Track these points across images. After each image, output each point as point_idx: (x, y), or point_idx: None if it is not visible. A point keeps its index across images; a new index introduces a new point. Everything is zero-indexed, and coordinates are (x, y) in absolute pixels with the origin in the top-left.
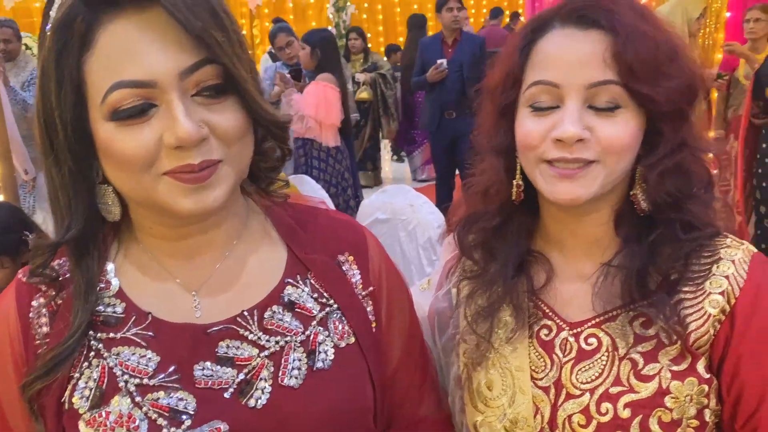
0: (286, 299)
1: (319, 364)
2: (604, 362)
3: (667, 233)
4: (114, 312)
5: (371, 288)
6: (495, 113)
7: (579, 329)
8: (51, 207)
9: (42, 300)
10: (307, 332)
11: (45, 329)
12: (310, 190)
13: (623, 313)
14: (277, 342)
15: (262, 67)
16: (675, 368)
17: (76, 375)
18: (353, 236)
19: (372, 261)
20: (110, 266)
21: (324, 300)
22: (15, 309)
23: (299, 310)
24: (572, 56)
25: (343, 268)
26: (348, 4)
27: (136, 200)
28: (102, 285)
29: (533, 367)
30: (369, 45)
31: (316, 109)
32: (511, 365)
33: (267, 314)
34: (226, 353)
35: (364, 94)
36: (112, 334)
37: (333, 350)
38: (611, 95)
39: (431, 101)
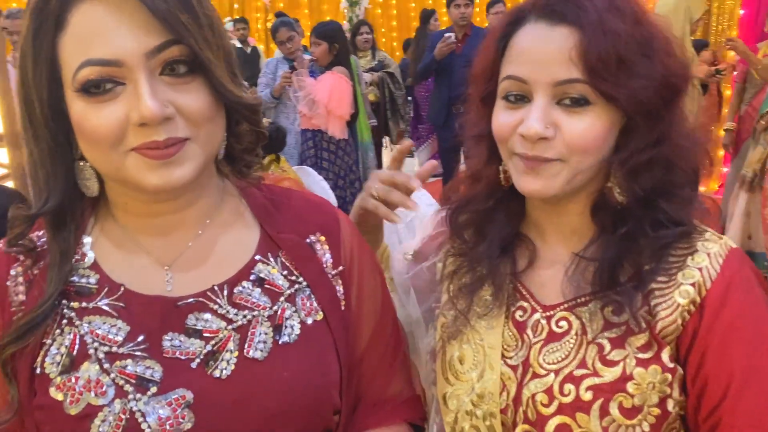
0: (256, 276)
1: (285, 338)
2: (571, 345)
3: (638, 228)
4: (88, 283)
5: (341, 268)
6: (478, 101)
7: (551, 312)
8: (31, 181)
9: (19, 269)
10: (275, 308)
11: (21, 297)
12: (312, 181)
13: (595, 299)
14: (244, 316)
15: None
16: (640, 355)
17: (49, 341)
18: (326, 218)
19: (344, 242)
20: (87, 239)
21: (293, 278)
22: None
23: (268, 287)
24: (540, 53)
25: (315, 247)
26: None
27: (108, 176)
28: (77, 257)
29: (505, 346)
30: (383, 40)
31: (329, 97)
32: (485, 342)
33: (237, 289)
34: (194, 325)
35: (370, 96)
36: (84, 304)
37: (299, 326)
38: (578, 92)
39: (439, 95)
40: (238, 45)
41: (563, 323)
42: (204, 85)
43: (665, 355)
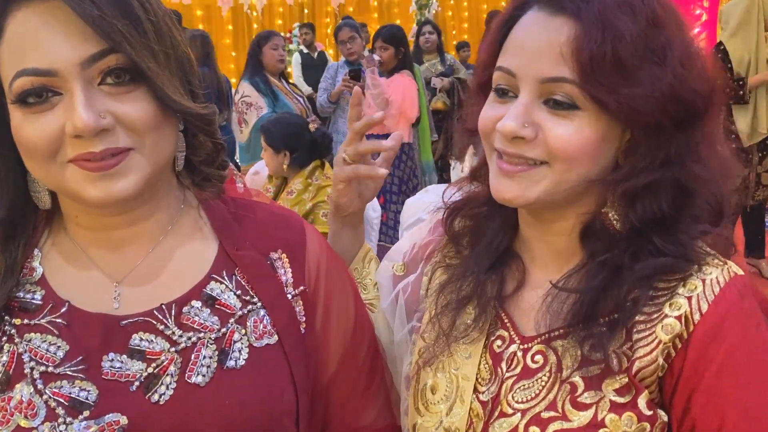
0: (207, 294)
1: (231, 363)
2: (544, 382)
3: (623, 256)
4: (33, 299)
5: (303, 288)
6: (475, 91)
7: (528, 345)
8: None
9: None
10: (224, 329)
11: None
12: None
13: (573, 332)
14: (189, 338)
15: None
16: (617, 399)
17: None
18: (290, 234)
19: (309, 261)
20: (37, 252)
21: (248, 297)
22: None
23: (219, 307)
24: (532, 45)
25: (275, 265)
26: (432, 1)
27: (51, 188)
28: (25, 271)
29: (479, 378)
30: (453, 43)
31: (402, 98)
32: (459, 372)
33: (185, 309)
34: (138, 346)
35: (438, 103)
36: (27, 320)
37: (248, 349)
38: (566, 93)
39: None
40: (305, 50)
41: (539, 358)
42: (147, 94)
43: (642, 401)
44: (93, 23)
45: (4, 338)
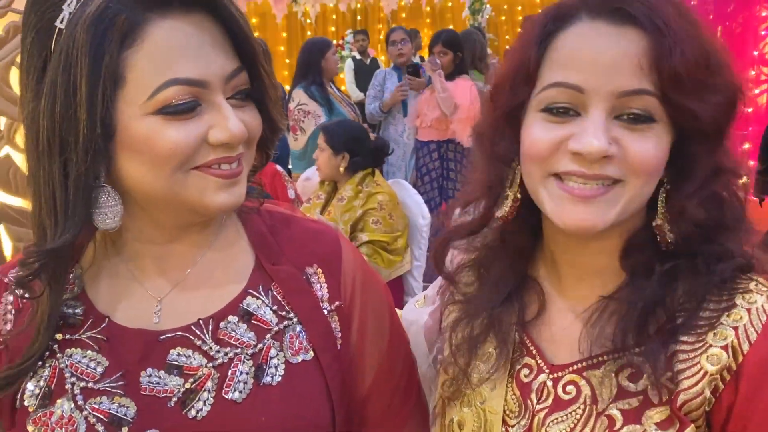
0: (243, 309)
1: (267, 379)
2: (579, 416)
3: (688, 266)
4: (74, 313)
5: (339, 303)
6: (499, 115)
7: (559, 374)
8: (41, 212)
9: (10, 297)
10: (260, 345)
11: (8, 326)
12: (406, 195)
13: (610, 361)
14: (226, 353)
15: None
16: None
17: (30, 374)
18: (326, 249)
19: (345, 276)
20: (77, 268)
21: (284, 313)
22: None
23: (255, 322)
24: (603, 57)
25: (311, 280)
26: (485, 6)
27: (156, 198)
28: (67, 286)
29: (507, 411)
30: (506, 48)
31: (470, 102)
32: (486, 406)
33: (222, 324)
34: (176, 361)
35: None
36: (68, 336)
37: (284, 366)
38: (645, 106)
39: None
40: (357, 57)
41: (571, 388)
42: (255, 109)
43: None
44: (244, 41)
45: (47, 353)
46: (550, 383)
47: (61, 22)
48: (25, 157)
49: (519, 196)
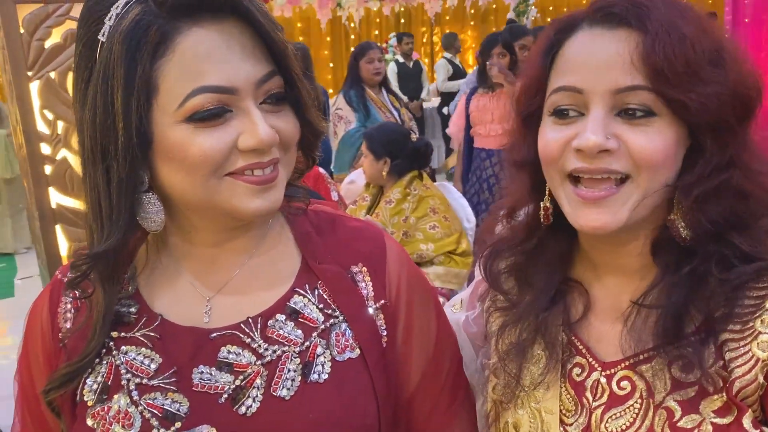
0: (291, 308)
1: (314, 377)
2: (637, 410)
3: (706, 266)
4: (128, 312)
5: (384, 301)
6: (519, 124)
7: (611, 370)
8: (91, 216)
9: (69, 297)
10: (307, 343)
11: (68, 324)
12: (452, 198)
13: (660, 355)
14: (274, 351)
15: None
16: (718, 421)
17: (88, 370)
18: (371, 248)
19: (390, 274)
20: (132, 267)
21: (330, 311)
22: (48, 305)
23: (302, 320)
24: (596, 59)
25: (356, 279)
26: (530, 7)
27: (195, 204)
28: (122, 285)
29: (564, 410)
30: None
31: None
32: (541, 406)
33: (270, 322)
34: (226, 358)
35: None
36: (123, 333)
37: (330, 363)
38: (642, 101)
39: None
40: (400, 60)
41: (626, 384)
42: (291, 113)
43: (747, 421)
44: (274, 47)
45: (103, 350)
46: (603, 380)
47: (103, 35)
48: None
49: (549, 205)
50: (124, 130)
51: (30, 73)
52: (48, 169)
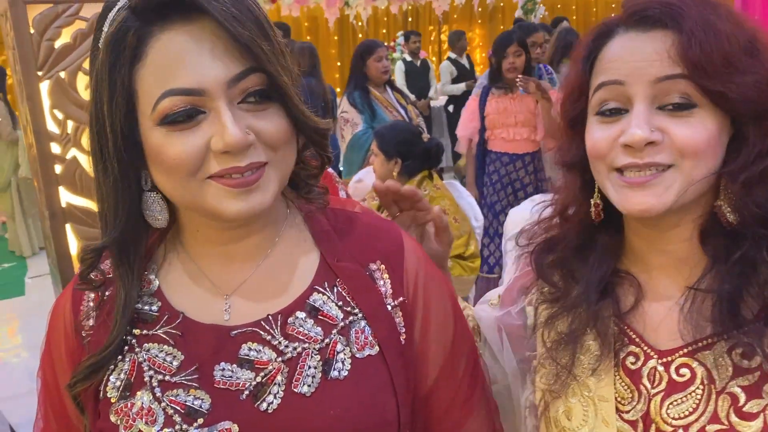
0: (310, 305)
1: (334, 374)
2: (698, 396)
3: (756, 252)
4: (150, 310)
5: (402, 299)
6: (566, 126)
7: (669, 358)
8: (99, 213)
9: (92, 295)
10: (327, 340)
11: (91, 322)
12: (459, 196)
13: (719, 342)
14: (295, 348)
15: (445, 72)
16: None
17: (111, 367)
18: (389, 245)
19: (407, 271)
20: (152, 266)
21: (349, 308)
22: (70, 303)
23: (322, 317)
24: (635, 56)
25: (375, 276)
26: (538, 5)
27: (184, 205)
28: (143, 283)
29: (619, 398)
30: None
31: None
32: (594, 394)
33: (290, 320)
34: (247, 355)
35: None
36: (145, 331)
37: (350, 360)
38: (682, 91)
39: None
40: (408, 58)
41: (685, 371)
42: (280, 111)
43: None
44: (243, 44)
45: (126, 347)
46: (661, 368)
47: (99, 41)
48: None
49: (599, 201)
50: (111, 134)
51: (40, 73)
52: (58, 169)
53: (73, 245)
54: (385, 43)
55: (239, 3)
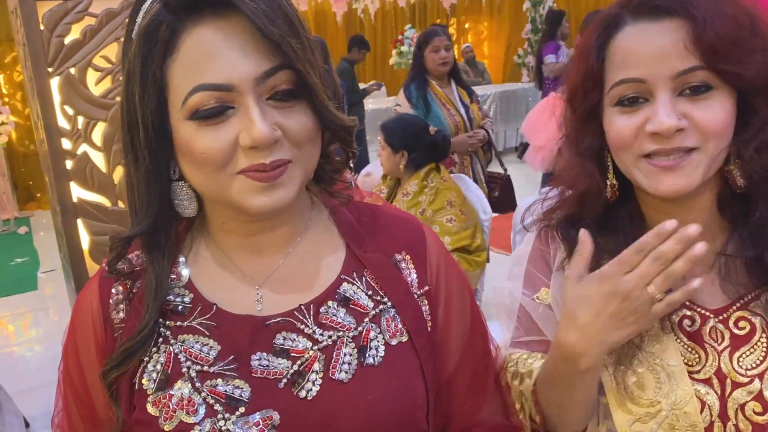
0: (341, 295)
1: (369, 360)
2: (765, 344)
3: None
4: (182, 302)
5: (427, 287)
6: (579, 117)
7: (724, 315)
8: (128, 202)
9: (120, 287)
10: (360, 328)
11: (122, 315)
12: (466, 188)
13: (765, 293)
14: (329, 336)
15: None
16: None
17: (146, 359)
18: (412, 236)
19: (430, 261)
20: (182, 259)
21: (378, 298)
22: (98, 296)
23: (353, 306)
24: (653, 50)
25: (400, 266)
26: None
27: (210, 197)
28: (173, 276)
29: (686, 360)
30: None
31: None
32: (662, 361)
33: (323, 309)
34: (282, 345)
35: None
36: (179, 323)
37: (384, 347)
38: (701, 79)
39: None
40: None
41: (743, 323)
42: (307, 108)
43: None
44: (273, 41)
45: (160, 339)
46: (720, 326)
47: (133, 33)
48: (101, 155)
49: (615, 181)
50: (142, 125)
51: (50, 70)
52: (69, 164)
53: (85, 239)
54: (399, 36)
55: (271, 0)
